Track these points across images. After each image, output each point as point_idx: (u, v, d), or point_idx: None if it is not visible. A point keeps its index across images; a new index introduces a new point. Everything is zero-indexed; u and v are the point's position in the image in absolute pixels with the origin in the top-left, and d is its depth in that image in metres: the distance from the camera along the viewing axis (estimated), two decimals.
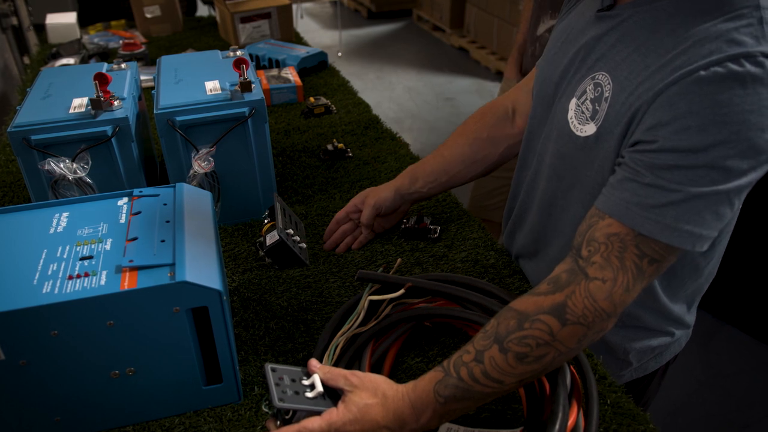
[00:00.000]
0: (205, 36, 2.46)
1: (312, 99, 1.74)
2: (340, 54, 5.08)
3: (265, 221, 1.18)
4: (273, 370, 0.77)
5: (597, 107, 0.85)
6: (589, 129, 0.86)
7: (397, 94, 4.38)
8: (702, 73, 0.70)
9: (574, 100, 0.90)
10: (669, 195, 0.72)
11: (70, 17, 2.50)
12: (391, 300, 0.96)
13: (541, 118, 1.01)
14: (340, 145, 1.50)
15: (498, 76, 4.62)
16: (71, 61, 2.13)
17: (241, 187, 1.24)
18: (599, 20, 0.88)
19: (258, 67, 2.03)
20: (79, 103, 1.16)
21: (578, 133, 0.88)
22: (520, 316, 0.75)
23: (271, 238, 1.11)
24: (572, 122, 0.90)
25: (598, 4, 0.89)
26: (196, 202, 0.92)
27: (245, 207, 1.26)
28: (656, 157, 0.73)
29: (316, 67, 2.05)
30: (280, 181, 1.41)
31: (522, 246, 1.13)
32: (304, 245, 1.17)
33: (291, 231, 1.14)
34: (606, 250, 0.74)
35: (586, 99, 0.87)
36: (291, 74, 1.85)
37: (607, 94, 0.83)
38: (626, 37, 0.83)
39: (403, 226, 1.22)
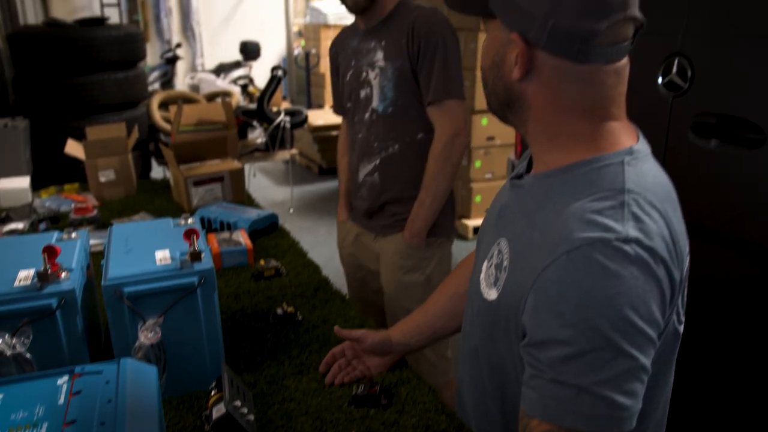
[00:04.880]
0: (158, 198, 2.51)
1: (262, 261, 1.76)
2: (291, 210, 5.21)
3: (212, 392, 1.15)
4: None
5: (498, 275, 0.89)
6: (493, 294, 0.89)
7: None
8: (566, 258, 0.74)
9: (485, 262, 0.94)
10: (573, 388, 0.74)
11: (23, 182, 2.53)
12: None
13: (476, 263, 1.04)
14: (290, 309, 1.51)
15: None
16: (20, 225, 2.13)
17: (189, 357, 1.22)
18: (512, 187, 0.95)
19: (209, 230, 2.07)
20: (25, 275, 1.15)
21: (485, 296, 0.92)
22: None
23: (218, 411, 1.08)
24: (482, 284, 0.93)
25: (521, 168, 0.97)
26: (140, 379, 0.90)
27: (192, 378, 1.23)
28: (548, 349, 0.76)
29: (267, 229, 2.10)
30: (229, 347, 1.39)
31: (463, 402, 1.12)
32: (251, 418, 1.14)
33: (239, 403, 1.11)
34: None
35: (492, 264, 0.91)
36: (242, 237, 1.89)
37: (505, 264, 0.87)
38: (524, 208, 0.89)
39: (353, 393, 1.21)
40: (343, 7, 1.85)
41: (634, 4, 0.80)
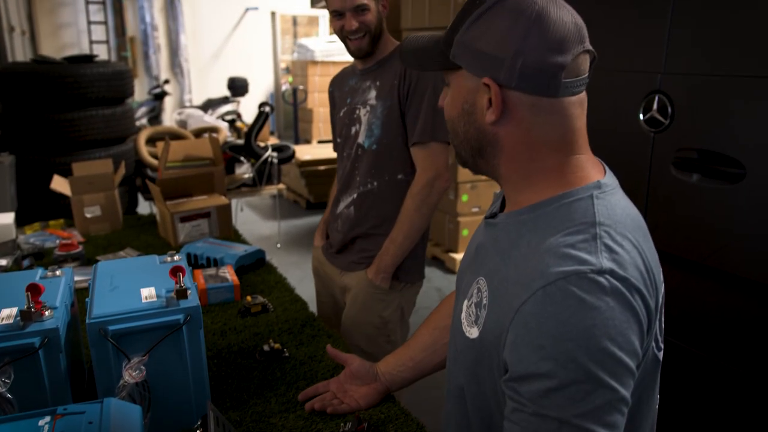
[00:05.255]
0: (144, 234, 2.50)
1: (249, 298, 1.75)
2: (279, 245, 5.19)
3: (197, 431, 1.14)
4: None
5: (479, 313, 0.90)
6: (474, 332, 0.90)
7: None
8: (542, 292, 0.76)
9: (466, 301, 0.95)
10: (554, 421, 0.74)
11: (7, 218, 2.51)
12: None
13: (456, 302, 1.05)
14: (277, 346, 1.49)
15: (436, 262, 4.77)
16: (4, 262, 2.11)
17: (174, 395, 1.20)
18: (486, 227, 0.97)
19: (196, 266, 2.06)
20: (7, 314, 1.14)
21: (467, 334, 0.92)
22: None
23: None
24: (464, 322, 0.94)
25: (495, 207, 0.99)
26: (123, 419, 0.89)
27: (177, 416, 1.21)
28: (529, 383, 0.76)
29: (254, 265, 2.09)
30: (215, 385, 1.37)
31: None
32: None
33: None
34: None
35: (472, 303, 0.92)
36: (228, 273, 1.88)
37: (485, 302, 0.89)
38: (498, 246, 0.91)
39: (341, 431, 1.20)
40: (330, 45, 1.90)
41: (587, 37, 0.85)
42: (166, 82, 8.49)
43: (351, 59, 1.96)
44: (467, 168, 0.97)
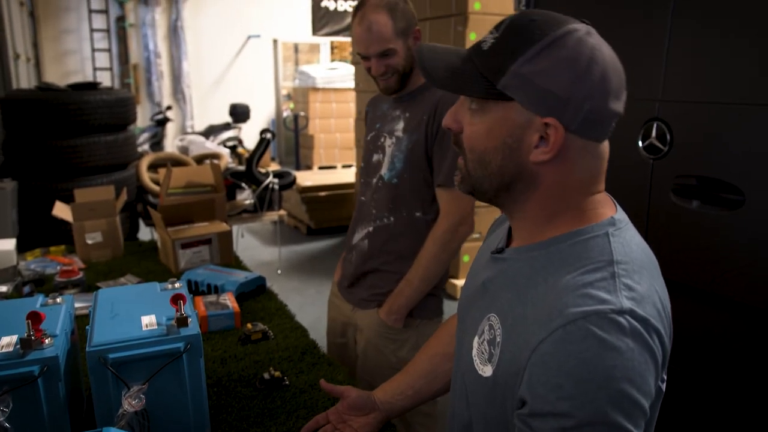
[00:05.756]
0: (145, 260, 2.50)
1: (249, 325, 1.75)
2: (279, 272, 5.18)
3: None
4: None
5: (492, 350, 0.88)
6: (488, 370, 0.89)
7: None
8: (562, 331, 0.75)
9: (476, 338, 0.93)
10: None
11: (8, 244, 2.52)
12: None
13: (460, 337, 1.03)
14: (277, 374, 1.49)
15: None
16: (4, 288, 2.11)
17: (173, 424, 1.19)
18: (493, 261, 0.95)
19: (196, 292, 2.05)
20: (7, 342, 1.13)
21: (480, 373, 0.91)
22: None
23: None
24: (476, 360, 0.92)
25: (497, 242, 0.97)
26: None
27: None
28: (543, 421, 0.75)
29: (254, 291, 2.09)
30: (214, 414, 1.36)
31: None
32: None
33: None
34: None
35: (484, 340, 0.91)
36: (229, 300, 1.87)
37: (498, 339, 0.87)
38: (510, 282, 0.89)
39: None
40: (331, 72, 1.89)
41: None
42: (169, 108, 8.56)
43: (353, 85, 1.95)
44: (480, 198, 0.93)
